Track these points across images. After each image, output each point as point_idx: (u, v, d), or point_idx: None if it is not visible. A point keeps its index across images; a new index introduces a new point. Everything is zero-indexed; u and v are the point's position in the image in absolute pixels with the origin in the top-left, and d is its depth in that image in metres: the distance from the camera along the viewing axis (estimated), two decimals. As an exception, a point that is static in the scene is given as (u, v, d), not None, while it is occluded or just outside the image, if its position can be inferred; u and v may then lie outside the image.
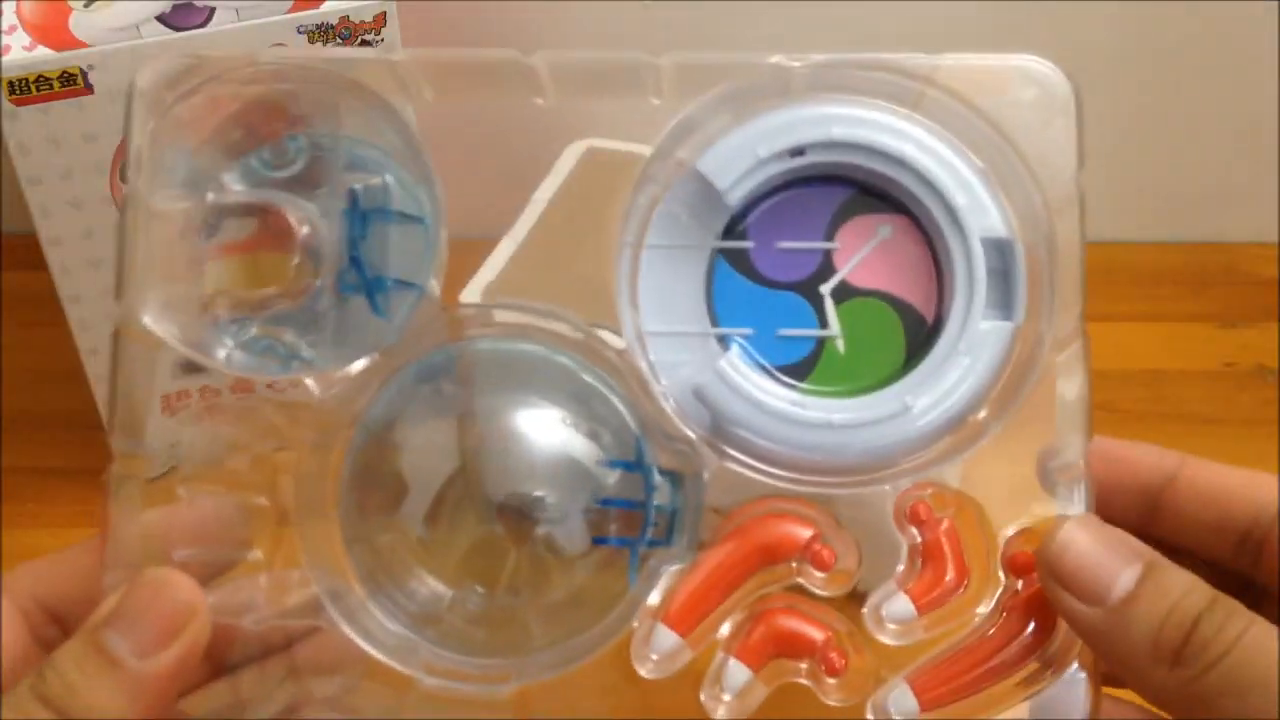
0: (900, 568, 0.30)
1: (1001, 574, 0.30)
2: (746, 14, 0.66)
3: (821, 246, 0.30)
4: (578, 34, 0.67)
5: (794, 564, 0.30)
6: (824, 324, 0.30)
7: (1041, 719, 0.29)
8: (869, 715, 0.30)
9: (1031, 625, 0.29)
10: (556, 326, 0.32)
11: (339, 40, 0.50)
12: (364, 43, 0.51)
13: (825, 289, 0.31)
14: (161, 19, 0.49)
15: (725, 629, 0.30)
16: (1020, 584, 0.30)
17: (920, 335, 0.31)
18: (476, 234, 0.62)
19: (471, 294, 0.52)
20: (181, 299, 0.31)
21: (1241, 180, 0.72)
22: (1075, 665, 0.29)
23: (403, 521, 0.31)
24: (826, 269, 0.31)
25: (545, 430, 0.32)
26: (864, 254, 0.30)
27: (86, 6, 0.50)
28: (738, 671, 0.30)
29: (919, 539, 0.30)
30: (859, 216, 0.31)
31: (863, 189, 0.30)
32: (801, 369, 0.31)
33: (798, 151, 0.30)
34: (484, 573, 0.31)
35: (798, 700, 0.30)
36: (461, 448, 0.32)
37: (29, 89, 0.47)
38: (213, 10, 0.49)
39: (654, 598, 0.30)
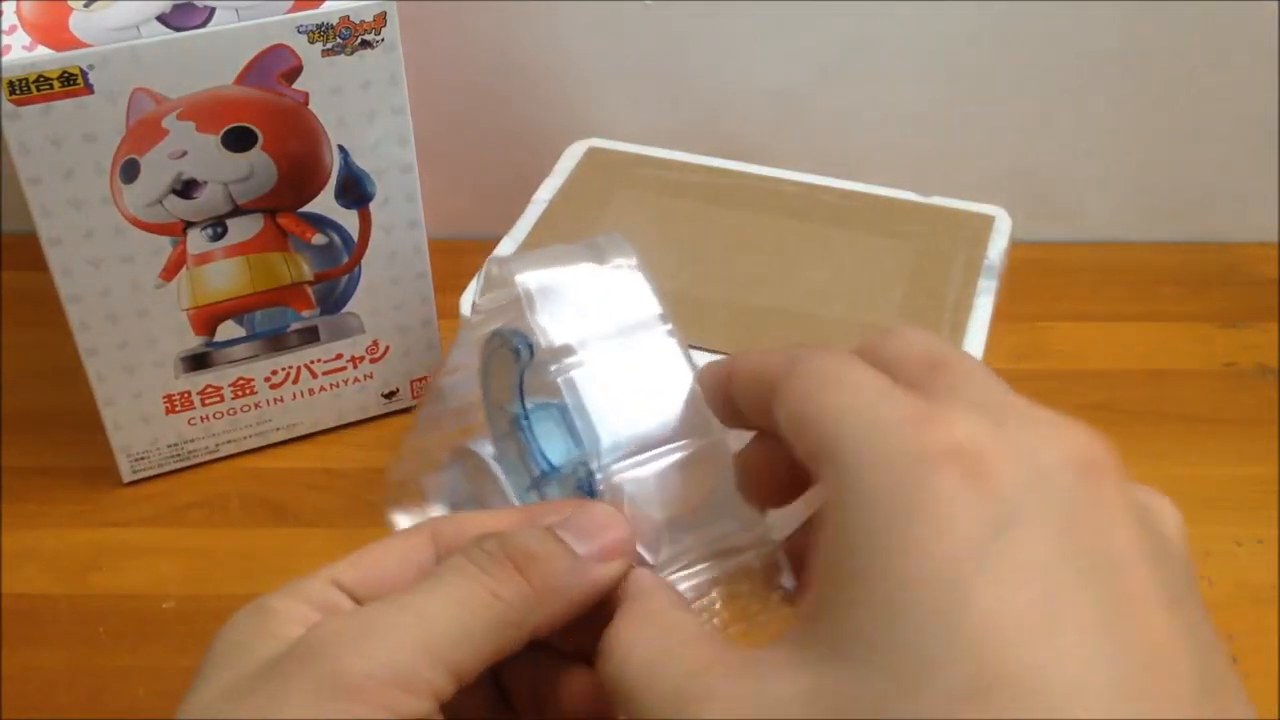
0: None
1: None
2: (746, 14, 0.66)
3: None
4: (578, 34, 0.67)
5: None
6: None
7: None
8: None
9: None
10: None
11: (339, 40, 0.51)
12: (364, 43, 0.51)
13: None
14: (161, 19, 0.49)
15: None
16: None
17: None
18: (476, 234, 0.62)
19: (472, 294, 0.52)
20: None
21: (1241, 180, 0.72)
22: None
23: None
24: None
25: None
26: None
27: (86, 6, 0.50)
28: None
29: None
30: None
31: None
32: None
33: None
34: None
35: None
36: None
37: (29, 89, 0.47)
38: (213, 10, 0.49)
39: None
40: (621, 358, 0.32)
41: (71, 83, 0.48)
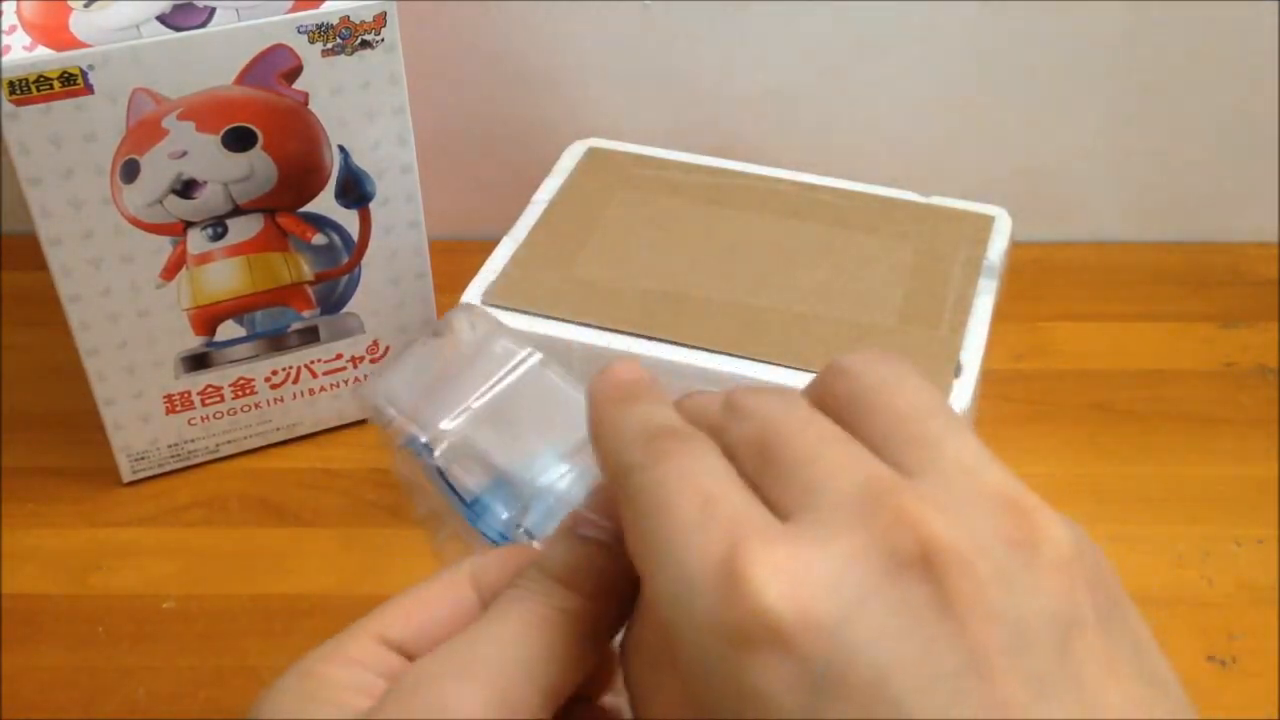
0: None
1: None
2: (746, 14, 0.66)
3: None
4: (578, 34, 0.67)
5: None
6: None
7: None
8: None
9: None
10: None
11: (339, 40, 0.51)
12: (364, 43, 0.51)
13: None
14: (161, 19, 0.49)
15: None
16: None
17: None
18: (476, 234, 0.62)
19: (472, 294, 0.52)
20: None
21: (1241, 180, 0.72)
22: None
23: None
24: None
25: None
26: None
27: (86, 6, 0.50)
28: None
29: None
30: None
31: None
32: None
33: None
34: None
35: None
36: None
37: (29, 89, 0.47)
38: (213, 10, 0.49)
39: None
40: (514, 414, 0.34)
41: (71, 83, 0.48)
